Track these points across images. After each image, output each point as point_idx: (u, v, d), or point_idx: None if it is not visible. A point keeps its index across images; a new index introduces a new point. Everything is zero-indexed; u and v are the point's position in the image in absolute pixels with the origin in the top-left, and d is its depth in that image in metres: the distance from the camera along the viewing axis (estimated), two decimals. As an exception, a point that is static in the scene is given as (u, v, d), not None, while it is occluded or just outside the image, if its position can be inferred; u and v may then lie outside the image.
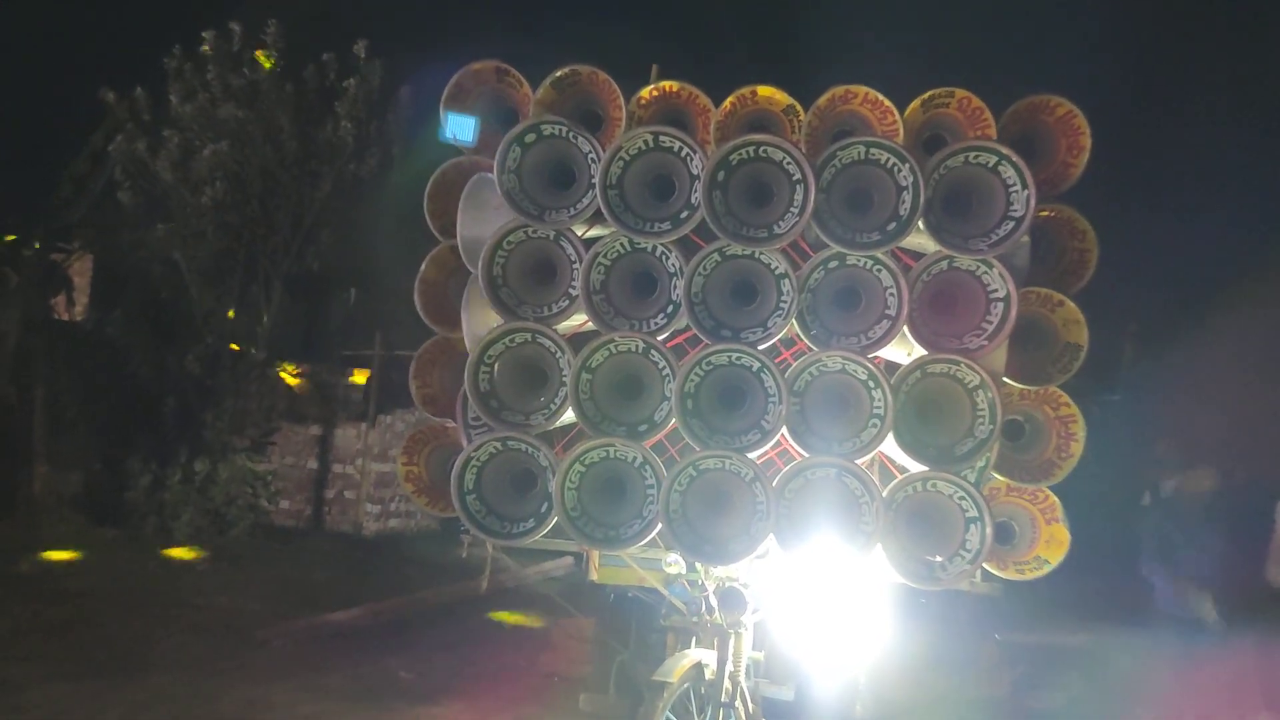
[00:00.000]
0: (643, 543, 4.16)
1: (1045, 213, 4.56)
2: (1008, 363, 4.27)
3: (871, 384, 4.06)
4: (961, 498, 4.04)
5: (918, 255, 4.24)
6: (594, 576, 4.99)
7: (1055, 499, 4.52)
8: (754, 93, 4.57)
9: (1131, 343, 9.26)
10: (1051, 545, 4.56)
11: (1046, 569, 4.53)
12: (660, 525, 4.10)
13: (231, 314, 11.48)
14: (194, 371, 11.81)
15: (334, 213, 12.32)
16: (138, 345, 11.92)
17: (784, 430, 4.10)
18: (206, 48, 11.16)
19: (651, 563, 4.69)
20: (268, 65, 11.29)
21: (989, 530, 4.01)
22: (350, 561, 11.97)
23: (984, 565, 4.44)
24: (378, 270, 12.78)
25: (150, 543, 11.15)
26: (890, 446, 4.19)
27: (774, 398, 4.08)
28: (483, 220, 4.47)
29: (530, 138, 4.26)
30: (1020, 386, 4.48)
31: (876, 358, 4.26)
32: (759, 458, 4.28)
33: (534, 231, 4.30)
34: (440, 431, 4.79)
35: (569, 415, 4.26)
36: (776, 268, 4.12)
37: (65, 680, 6.50)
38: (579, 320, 4.41)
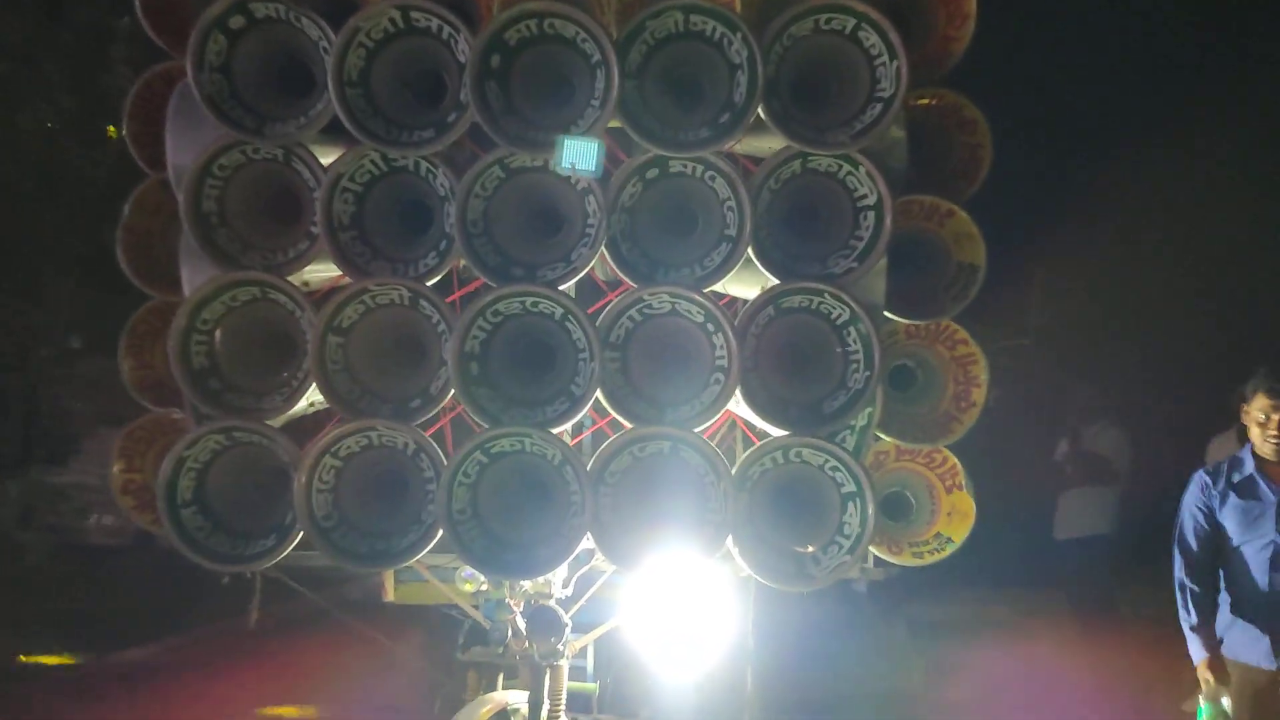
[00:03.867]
0: (419, 556, 3.29)
1: (925, 100, 3.81)
2: (888, 291, 3.48)
3: (711, 327, 3.24)
4: (835, 468, 3.26)
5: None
6: (390, 596, 4.11)
7: (956, 461, 3.78)
8: (548, -40, 3.67)
9: (1043, 276, 8.55)
10: (954, 518, 3.83)
11: (949, 549, 3.79)
12: (443, 531, 3.23)
13: None
14: (-29, 374, 10.53)
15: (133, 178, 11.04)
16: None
17: (599, 395, 3.26)
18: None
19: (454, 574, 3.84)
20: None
21: (871, 508, 3.23)
22: (175, 583, 10.81)
23: (872, 550, 3.70)
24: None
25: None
26: (743, 409, 3.39)
27: (585, 353, 3.23)
28: (198, 142, 3.51)
29: (237, 22, 3.30)
30: (905, 321, 3.71)
31: (723, 297, 3.46)
32: (577, 436, 3.46)
33: (256, 151, 3.36)
34: (168, 424, 3.83)
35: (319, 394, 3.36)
36: (578, 182, 3.27)
37: None
38: (334, 270, 3.50)
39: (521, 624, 3.47)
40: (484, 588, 3.59)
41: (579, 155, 3.17)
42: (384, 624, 4.95)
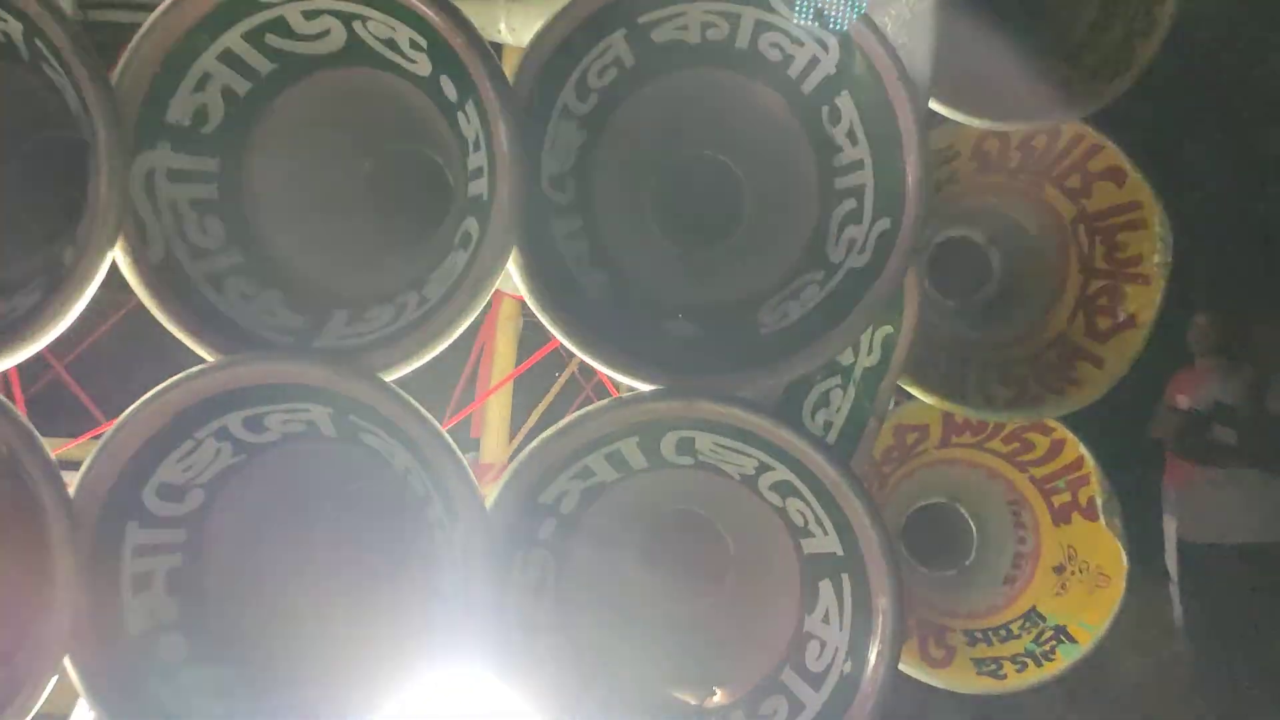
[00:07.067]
0: None
1: None
2: (937, 49, 1.43)
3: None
4: (785, 486, 1.20)
5: None
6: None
7: (1087, 456, 1.76)
8: None
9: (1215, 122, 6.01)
10: (1073, 579, 1.86)
11: (1066, 656, 1.79)
12: None
13: None
14: None
15: None
16: None
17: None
18: None
19: None
20: None
21: (889, 602, 1.20)
22: None
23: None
24: None
25: None
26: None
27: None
28: None
29: None
30: (977, 124, 1.67)
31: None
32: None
33: None
34: None
35: None
36: None
37: None
38: None
39: None
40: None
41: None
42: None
